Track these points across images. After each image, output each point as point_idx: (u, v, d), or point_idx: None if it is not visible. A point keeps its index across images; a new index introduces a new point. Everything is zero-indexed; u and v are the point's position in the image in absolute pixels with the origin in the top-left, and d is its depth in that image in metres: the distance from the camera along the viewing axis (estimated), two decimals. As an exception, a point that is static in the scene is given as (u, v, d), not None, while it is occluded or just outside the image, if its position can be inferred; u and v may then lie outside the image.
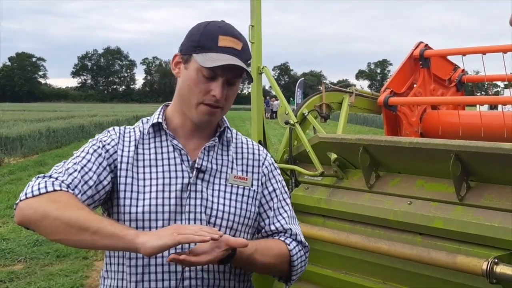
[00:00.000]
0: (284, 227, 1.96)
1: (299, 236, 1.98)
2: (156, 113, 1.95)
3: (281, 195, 2.01)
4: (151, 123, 1.92)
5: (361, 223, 3.39)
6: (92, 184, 1.79)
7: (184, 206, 1.82)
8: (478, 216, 2.86)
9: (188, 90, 1.84)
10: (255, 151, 2.03)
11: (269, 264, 1.86)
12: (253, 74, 3.86)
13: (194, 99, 1.83)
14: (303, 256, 1.96)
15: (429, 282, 3.06)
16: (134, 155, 1.87)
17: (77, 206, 1.68)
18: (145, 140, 1.91)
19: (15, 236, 7.79)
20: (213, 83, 1.81)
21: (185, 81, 1.86)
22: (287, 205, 2.02)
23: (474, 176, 2.97)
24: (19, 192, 1.71)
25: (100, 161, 1.83)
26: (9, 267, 6.48)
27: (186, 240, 1.55)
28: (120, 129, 1.95)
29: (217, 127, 1.98)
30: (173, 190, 1.82)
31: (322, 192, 3.62)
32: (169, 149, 1.89)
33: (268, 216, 1.96)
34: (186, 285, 1.79)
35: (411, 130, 4.47)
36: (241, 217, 1.89)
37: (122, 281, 1.83)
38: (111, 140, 1.89)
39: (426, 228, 3.04)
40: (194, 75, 1.82)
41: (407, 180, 3.27)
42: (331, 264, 3.60)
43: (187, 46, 1.87)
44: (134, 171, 1.85)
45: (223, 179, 1.90)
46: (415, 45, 4.62)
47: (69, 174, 1.77)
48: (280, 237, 1.95)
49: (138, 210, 1.80)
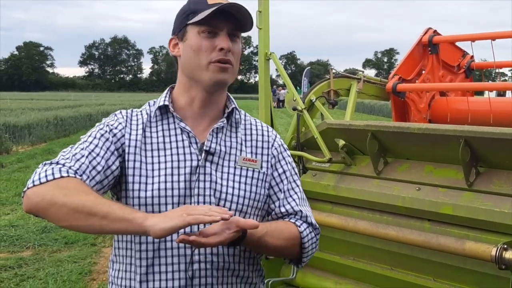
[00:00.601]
0: (295, 209, 1.94)
1: (309, 218, 1.95)
2: (162, 96, 1.93)
3: (291, 177, 1.98)
4: (158, 105, 1.90)
5: (369, 210, 3.39)
6: (100, 169, 1.77)
7: (193, 189, 1.80)
8: (487, 202, 2.84)
9: (194, 56, 1.82)
10: (264, 132, 2.00)
11: (279, 246, 1.85)
12: (260, 61, 3.84)
13: (203, 61, 1.81)
14: (313, 238, 1.94)
15: (437, 268, 3.05)
16: (142, 138, 1.85)
17: (85, 191, 1.67)
18: (153, 123, 1.89)
19: (23, 223, 7.84)
20: (216, 38, 1.81)
21: (188, 51, 1.84)
22: (297, 187, 1.99)
23: (483, 162, 2.95)
24: (27, 180, 1.70)
25: (108, 145, 1.82)
26: (17, 254, 6.52)
27: (196, 221, 1.54)
28: (127, 112, 1.93)
29: (224, 107, 1.95)
30: (182, 173, 1.81)
31: (330, 179, 3.61)
32: (176, 131, 1.87)
33: (278, 198, 1.94)
34: (195, 269, 1.78)
35: (419, 116, 4.44)
36: (251, 199, 1.87)
37: (131, 265, 1.83)
38: (118, 124, 1.87)
39: (434, 214, 3.03)
40: (195, 39, 1.82)
41: (416, 166, 3.25)
42: (339, 250, 3.59)
43: (180, 22, 1.87)
44: (142, 155, 1.83)
45: (232, 161, 1.88)
46: (424, 31, 4.58)
47: (76, 159, 1.75)
48: (290, 219, 1.92)
49: (147, 194, 1.79)
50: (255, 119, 2.05)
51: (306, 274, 3.78)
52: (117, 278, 1.89)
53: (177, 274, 1.78)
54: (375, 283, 3.41)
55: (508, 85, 4.67)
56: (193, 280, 1.78)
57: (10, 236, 7.16)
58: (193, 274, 1.78)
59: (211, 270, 1.80)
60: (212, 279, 1.81)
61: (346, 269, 3.57)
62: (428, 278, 3.11)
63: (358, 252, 3.47)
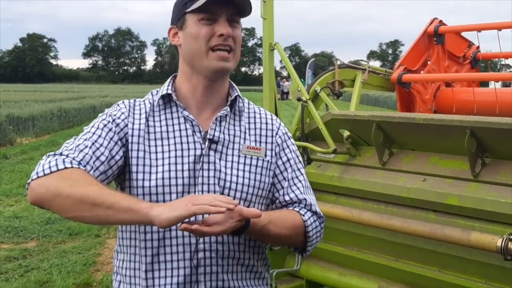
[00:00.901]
0: (299, 197, 1.92)
1: (314, 207, 1.94)
2: (165, 85, 1.92)
3: (295, 165, 1.97)
4: (161, 94, 1.90)
5: (374, 201, 3.37)
6: (104, 159, 1.77)
7: (197, 178, 1.80)
8: (493, 193, 2.83)
9: (194, 43, 1.82)
10: (268, 120, 1.98)
11: (284, 235, 1.84)
12: (265, 51, 3.82)
13: (202, 48, 1.80)
14: (318, 227, 1.93)
15: (442, 259, 3.04)
16: (145, 127, 1.84)
17: (89, 182, 1.66)
18: (156, 113, 1.88)
19: (28, 214, 7.85)
20: (216, 25, 1.80)
21: (188, 39, 1.84)
22: (301, 175, 1.97)
23: (489, 153, 2.93)
24: (32, 172, 1.69)
25: (111, 135, 1.81)
26: (22, 245, 6.53)
27: (202, 211, 1.53)
28: (130, 102, 1.93)
29: (227, 96, 1.94)
30: (186, 162, 1.80)
31: (334, 170, 3.60)
32: (180, 120, 1.86)
33: (283, 186, 1.93)
34: (200, 257, 1.78)
35: (424, 107, 4.42)
36: (255, 188, 1.86)
37: (136, 255, 1.82)
38: (121, 113, 1.86)
39: (440, 205, 3.02)
40: (194, 27, 1.81)
41: (421, 157, 3.23)
42: (343, 241, 3.59)
43: (178, 10, 1.86)
44: (146, 144, 1.82)
45: (236, 149, 1.87)
46: (430, 21, 4.55)
47: (80, 150, 1.75)
48: (294, 207, 1.91)
49: (151, 183, 1.78)
50: (259, 107, 2.04)
51: (311, 265, 3.78)
52: (122, 268, 1.88)
53: (182, 263, 1.77)
54: (379, 274, 3.41)
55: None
56: (198, 268, 1.78)
57: (14, 228, 7.17)
58: (198, 262, 1.78)
59: (216, 259, 1.79)
60: (217, 268, 1.80)
61: (350, 260, 3.56)
62: (433, 269, 3.10)
63: (363, 243, 3.46)
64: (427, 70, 4.45)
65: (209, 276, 1.79)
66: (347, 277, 3.58)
